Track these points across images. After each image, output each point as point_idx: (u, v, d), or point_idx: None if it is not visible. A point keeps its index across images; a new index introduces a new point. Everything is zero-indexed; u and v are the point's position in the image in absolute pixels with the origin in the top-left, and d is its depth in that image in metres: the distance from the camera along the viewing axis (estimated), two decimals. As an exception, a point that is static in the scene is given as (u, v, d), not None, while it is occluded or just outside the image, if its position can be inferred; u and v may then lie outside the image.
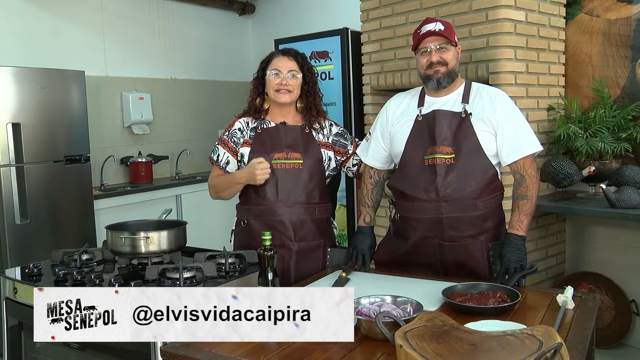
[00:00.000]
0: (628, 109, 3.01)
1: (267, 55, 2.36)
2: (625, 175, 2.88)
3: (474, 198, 2.08)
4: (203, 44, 5.48)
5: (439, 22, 2.11)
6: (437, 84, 2.12)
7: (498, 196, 2.16)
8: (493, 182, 2.12)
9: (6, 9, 4.08)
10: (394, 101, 2.31)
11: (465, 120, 2.09)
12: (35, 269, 1.96)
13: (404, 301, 1.65)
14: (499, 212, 2.18)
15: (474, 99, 2.13)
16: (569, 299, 1.70)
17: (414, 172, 2.14)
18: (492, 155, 2.10)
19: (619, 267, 3.22)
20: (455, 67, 2.13)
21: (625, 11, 3.12)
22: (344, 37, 3.94)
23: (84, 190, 3.88)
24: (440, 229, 2.11)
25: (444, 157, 2.07)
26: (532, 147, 2.11)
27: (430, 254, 2.15)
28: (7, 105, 3.47)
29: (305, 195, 2.26)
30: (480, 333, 1.36)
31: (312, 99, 2.34)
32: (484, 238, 2.11)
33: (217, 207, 2.42)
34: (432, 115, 2.14)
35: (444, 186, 2.07)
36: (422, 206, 2.12)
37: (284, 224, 2.23)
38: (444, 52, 2.10)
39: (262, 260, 1.74)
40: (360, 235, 2.29)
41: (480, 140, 2.08)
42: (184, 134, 5.33)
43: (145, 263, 2.01)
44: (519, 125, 2.12)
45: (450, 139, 2.09)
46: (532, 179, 2.09)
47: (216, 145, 2.36)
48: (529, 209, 2.08)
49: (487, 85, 2.22)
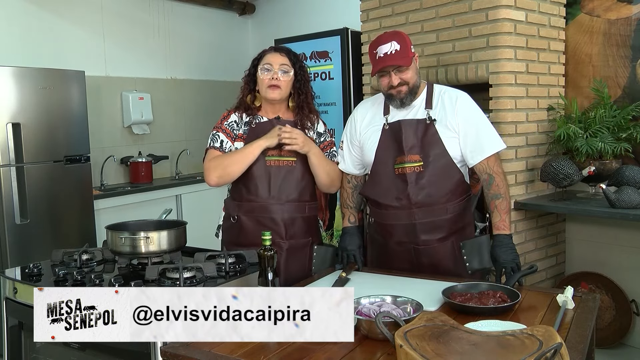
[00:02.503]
0: (628, 109, 3.01)
1: (259, 52, 2.35)
2: (625, 175, 2.88)
3: (444, 202, 2.14)
4: (203, 44, 5.48)
5: (394, 41, 2.09)
6: (400, 103, 2.15)
7: (466, 197, 2.22)
8: (461, 185, 2.18)
9: (6, 9, 4.08)
10: (361, 109, 2.33)
11: (430, 126, 2.14)
12: (35, 269, 1.96)
13: (404, 301, 1.65)
14: (468, 213, 2.24)
15: (437, 104, 2.17)
16: (569, 299, 1.70)
17: (386, 181, 2.18)
18: (459, 160, 2.16)
19: (619, 267, 3.22)
20: (416, 82, 2.16)
21: (626, 11, 3.12)
22: (344, 37, 3.94)
23: (84, 191, 3.88)
24: (414, 234, 2.16)
25: (413, 166, 2.13)
26: (495, 146, 2.16)
27: (406, 258, 2.20)
28: (7, 105, 3.47)
29: (297, 193, 2.26)
30: (480, 333, 1.36)
31: (304, 97, 2.32)
32: (454, 239, 2.17)
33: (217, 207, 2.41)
34: (397, 125, 2.17)
35: (416, 193, 2.12)
36: (395, 214, 2.17)
37: (275, 222, 2.23)
38: (403, 72, 2.11)
39: (262, 260, 1.74)
40: (347, 236, 2.30)
41: (446, 146, 2.13)
42: (184, 134, 5.33)
43: (145, 263, 2.01)
44: (481, 126, 2.16)
45: (417, 147, 2.13)
46: (500, 176, 2.15)
47: (216, 133, 2.31)
48: (507, 207, 2.13)
49: (449, 88, 2.25)
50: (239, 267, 1.96)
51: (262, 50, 2.35)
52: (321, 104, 4.05)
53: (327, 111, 4.04)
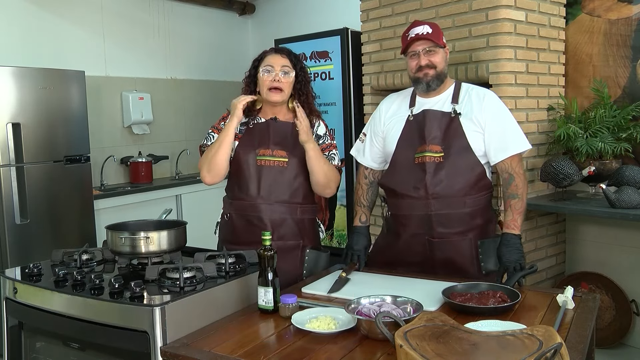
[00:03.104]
0: (628, 109, 3.01)
1: (260, 53, 2.34)
2: (625, 175, 2.88)
3: (462, 195, 2.12)
4: (203, 44, 5.48)
5: (427, 25, 2.14)
6: (426, 86, 2.16)
7: (487, 194, 2.19)
8: (481, 179, 2.15)
9: (6, 9, 4.08)
10: (386, 102, 2.35)
11: (454, 120, 2.14)
12: (35, 269, 1.95)
13: (404, 301, 1.65)
14: (488, 210, 2.21)
15: (463, 99, 2.17)
16: (569, 299, 1.70)
17: (404, 170, 2.18)
18: (481, 154, 2.14)
19: (619, 267, 3.22)
20: (443, 69, 2.18)
21: (626, 11, 3.12)
22: (344, 37, 3.94)
23: (84, 191, 3.88)
24: (429, 226, 2.14)
25: (434, 156, 2.12)
26: (520, 146, 2.15)
27: (419, 251, 2.18)
28: (7, 105, 3.47)
29: (288, 194, 2.23)
30: (480, 333, 1.36)
31: (305, 98, 2.31)
32: (472, 235, 2.14)
33: (217, 207, 2.41)
34: (422, 115, 2.18)
35: (433, 184, 2.11)
36: (411, 203, 2.16)
37: (262, 221, 2.21)
38: (432, 55, 2.14)
39: (262, 260, 1.74)
40: (355, 236, 2.29)
41: (468, 139, 2.12)
42: (184, 134, 5.33)
43: (145, 263, 2.01)
44: (507, 125, 2.15)
45: (439, 138, 2.13)
46: (521, 177, 2.14)
47: (210, 132, 2.33)
48: (521, 207, 2.11)
49: (477, 86, 2.25)
50: (239, 267, 1.95)
51: (263, 51, 2.34)
52: (321, 104, 4.06)
53: (327, 111, 4.05)
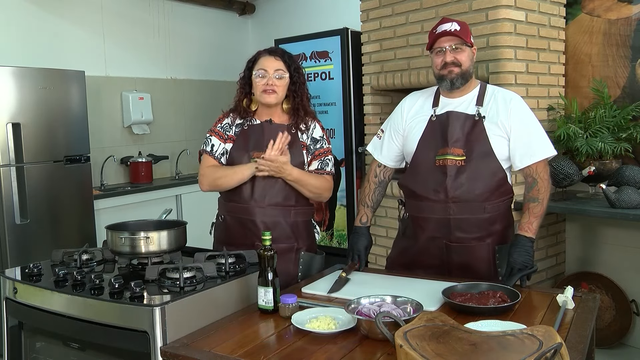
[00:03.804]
0: (628, 109, 3.01)
1: (254, 54, 2.32)
2: (625, 175, 2.88)
3: (482, 200, 2.08)
4: (203, 44, 5.48)
5: (455, 22, 2.10)
6: (450, 84, 2.11)
7: (507, 200, 2.15)
8: (502, 185, 2.11)
9: (6, 9, 4.08)
10: (410, 100, 2.29)
11: (478, 123, 2.09)
12: (35, 269, 1.95)
13: (404, 301, 1.65)
14: (508, 216, 2.17)
15: (489, 102, 2.13)
16: (569, 299, 1.70)
17: (425, 172, 2.14)
18: (504, 159, 2.10)
19: (619, 267, 3.22)
20: (469, 68, 2.12)
21: (626, 11, 3.13)
22: (344, 37, 3.94)
23: (84, 191, 3.88)
24: (447, 230, 2.11)
25: (455, 159, 2.08)
26: (546, 151, 2.11)
27: (436, 254, 2.15)
28: (7, 105, 3.47)
29: (281, 197, 2.22)
30: (480, 333, 1.36)
31: (300, 100, 2.28)
32: (490, 240, 2.11)
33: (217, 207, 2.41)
34: (445, 116, 2.14)
35: (454, 187, 2.07)
36: (431, 206, 2.12)
37: (255, 224, 2.21)
38: (458, 52, 2.09)
39: (262, 260, 1.74)
40: (356, 236, 2.28)
41: (492, 143, 2.08)
42: (183, 134, 5.33)
43: (145, 263, 2.01)
44: (533, 130, 2.11)
45: (462, 141, 2.09)
46: (545, 182, 2.09)
47: (208, 136, 2.32)
48: (540, 212, 2.06)
49: (502, 89, 2.21)
50: (239, 267, 1.95)
51: (257, 52, 2.31)
52: (321, 104, 4.06)
53: (327, 111, 4.05)
